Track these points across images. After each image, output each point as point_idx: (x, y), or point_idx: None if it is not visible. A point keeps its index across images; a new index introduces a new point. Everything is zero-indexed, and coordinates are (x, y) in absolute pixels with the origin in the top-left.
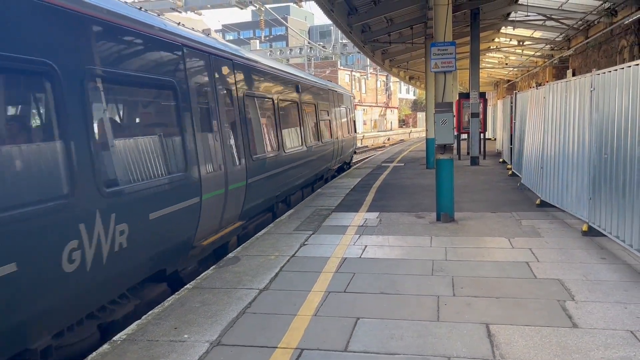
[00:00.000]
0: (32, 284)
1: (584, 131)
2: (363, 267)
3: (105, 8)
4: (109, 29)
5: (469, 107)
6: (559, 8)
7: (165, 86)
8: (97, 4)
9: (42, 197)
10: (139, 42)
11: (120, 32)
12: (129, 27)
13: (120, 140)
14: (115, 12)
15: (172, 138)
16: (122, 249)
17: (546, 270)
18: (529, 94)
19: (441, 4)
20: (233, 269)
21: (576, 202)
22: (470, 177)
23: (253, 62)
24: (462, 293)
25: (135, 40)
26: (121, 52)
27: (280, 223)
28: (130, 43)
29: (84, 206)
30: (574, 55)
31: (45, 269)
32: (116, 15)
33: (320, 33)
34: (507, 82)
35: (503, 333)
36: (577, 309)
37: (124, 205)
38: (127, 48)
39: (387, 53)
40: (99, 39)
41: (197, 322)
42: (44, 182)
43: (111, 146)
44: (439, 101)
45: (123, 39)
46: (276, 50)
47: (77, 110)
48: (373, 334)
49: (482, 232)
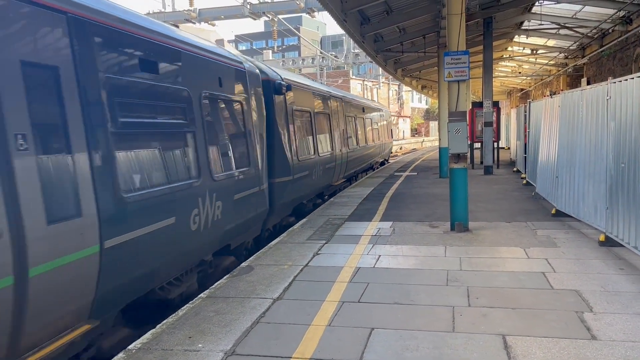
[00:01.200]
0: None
1: (601, 140)
2: (377, 277)
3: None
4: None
5: (482, 116)
6: (573, 16)
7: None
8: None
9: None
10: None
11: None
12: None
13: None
14: (258, 69)
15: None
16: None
17: (563, 281)
18: (543, 103)
19: (454, 13)
20: (247, 278)
21: (593, 212)
22: (484, 187)
23: (329, 91)
24: (477, 304)
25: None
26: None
27: (293, 232)
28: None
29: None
30: (589, 63)
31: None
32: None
33: (332, 43)
34: (520, 91)
35: (520, 345)
36: (595, 321)
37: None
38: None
39: (400, 62)
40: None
41: (211, 332)
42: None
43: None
44: (452, 110)
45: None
46: (288, 60)
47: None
48: (388, 345)
49: (497, 242)
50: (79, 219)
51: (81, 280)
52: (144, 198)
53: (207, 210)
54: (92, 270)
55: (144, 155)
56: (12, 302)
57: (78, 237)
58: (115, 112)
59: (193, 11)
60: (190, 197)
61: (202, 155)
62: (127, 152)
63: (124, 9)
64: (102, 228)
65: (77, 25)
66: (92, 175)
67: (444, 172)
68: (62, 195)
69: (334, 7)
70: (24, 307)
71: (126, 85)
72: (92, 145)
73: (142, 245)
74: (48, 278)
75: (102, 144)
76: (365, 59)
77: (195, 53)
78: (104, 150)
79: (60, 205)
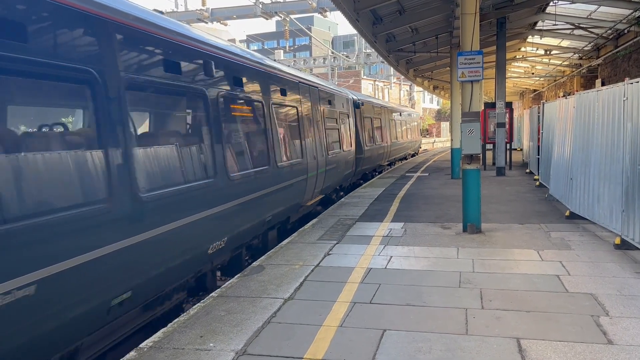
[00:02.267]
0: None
1: (617, 141)
2: (388, 278)
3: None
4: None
5: (495, 117)
6: (588, 17)
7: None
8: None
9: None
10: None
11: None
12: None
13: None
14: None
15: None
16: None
17: (578, 284)
18: (557, 104)
19: (468, 12)
20: (258, 277)
21: (608, 214)
22: (496, 188)
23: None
24: (491, 306)
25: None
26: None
27: (304, 232)
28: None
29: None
30: (603, 64)
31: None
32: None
33: (343, 43)
34: (533, 92)
35: (535, 348)
36: (611, 325)
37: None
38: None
39: (412, 62)
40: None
41: (222, 331)
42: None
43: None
44: (465, 111)
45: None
46: (300, 60)
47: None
48: (400, 347)
49: (510, 244)
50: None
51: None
52: (334, 156)
53: (342, 165)
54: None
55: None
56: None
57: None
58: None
59: (205, 11)
60: (346, 157)
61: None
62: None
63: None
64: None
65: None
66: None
67: (456, 173)
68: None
69: (347, 7)
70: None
71: (328, 116)
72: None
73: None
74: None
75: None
76: (377, 59)
77: (338, 94)
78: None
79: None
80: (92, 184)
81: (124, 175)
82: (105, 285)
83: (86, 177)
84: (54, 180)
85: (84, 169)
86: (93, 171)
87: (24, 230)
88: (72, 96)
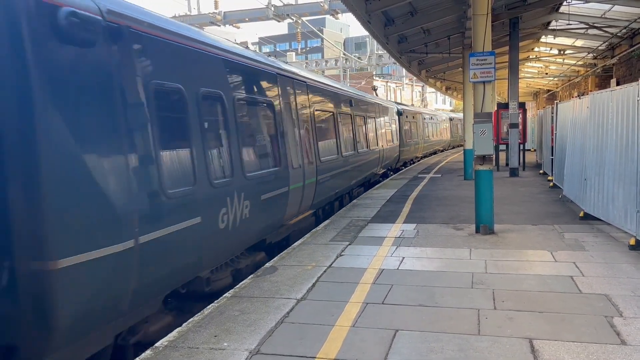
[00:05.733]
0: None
1: (631, 141)
2: (401, 278)
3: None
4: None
5: (508, 118)
6: (602, 16)
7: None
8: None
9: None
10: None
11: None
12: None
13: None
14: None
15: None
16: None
17: (592, 285)
18: (571, 104)
19: (480, 13)
20: (271, 278)
21: (623, 215)
22: (509, 189)
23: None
24: (503, 307)
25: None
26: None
27: (316, 233)
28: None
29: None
30: (618, 64)
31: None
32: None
33: (355, 44)
34: (547, 92)
35: (548, 349)
36: (625, 326)
37: (393, 148)
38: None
39: (424, 63)
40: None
41: (236, 331)
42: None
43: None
44: (477, 111)
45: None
46: (312, 62)
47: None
48: (412, 347)
49: (523, 245)
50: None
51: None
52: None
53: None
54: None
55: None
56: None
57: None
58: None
59: (218, 14)
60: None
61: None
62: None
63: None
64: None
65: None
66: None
67: (469, 174)
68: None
69: (358, 9)
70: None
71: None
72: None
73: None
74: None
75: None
76: (389, 61)
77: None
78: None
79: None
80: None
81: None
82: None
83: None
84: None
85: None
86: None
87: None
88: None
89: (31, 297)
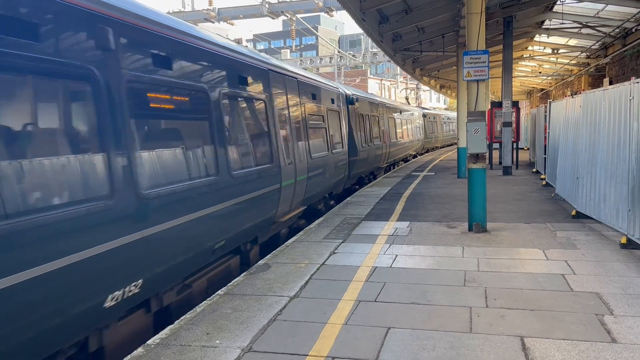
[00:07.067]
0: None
1: (623, 141)
2: (394, 276)
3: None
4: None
5: (502, 116)
6: (596, 15)
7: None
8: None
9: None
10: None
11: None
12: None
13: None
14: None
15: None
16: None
17: (583, 283)
18: (564, 103)
19: (474, 12)
20: (263, 276)
21: (614, 214)
22: (502, 187)
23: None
24: (495, 305)
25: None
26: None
27: (309, 231)
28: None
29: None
30: (611, 63)
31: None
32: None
33: (350, 42)
34: (540, 91)
35: (538, 347)
36: (616, 324)
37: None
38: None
39: (418, 62)
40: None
41: (228, 328)
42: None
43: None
44: (471, 110)
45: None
46: (306, 59)
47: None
48: (404, 344)
49: (515, 243)
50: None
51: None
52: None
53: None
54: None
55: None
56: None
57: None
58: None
59: (212, 10)
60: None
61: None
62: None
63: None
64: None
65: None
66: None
67: (462, 173)
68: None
69: (353, 6)
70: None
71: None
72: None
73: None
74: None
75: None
76: (384, 59)
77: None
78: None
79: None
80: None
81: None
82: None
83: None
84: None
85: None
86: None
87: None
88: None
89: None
